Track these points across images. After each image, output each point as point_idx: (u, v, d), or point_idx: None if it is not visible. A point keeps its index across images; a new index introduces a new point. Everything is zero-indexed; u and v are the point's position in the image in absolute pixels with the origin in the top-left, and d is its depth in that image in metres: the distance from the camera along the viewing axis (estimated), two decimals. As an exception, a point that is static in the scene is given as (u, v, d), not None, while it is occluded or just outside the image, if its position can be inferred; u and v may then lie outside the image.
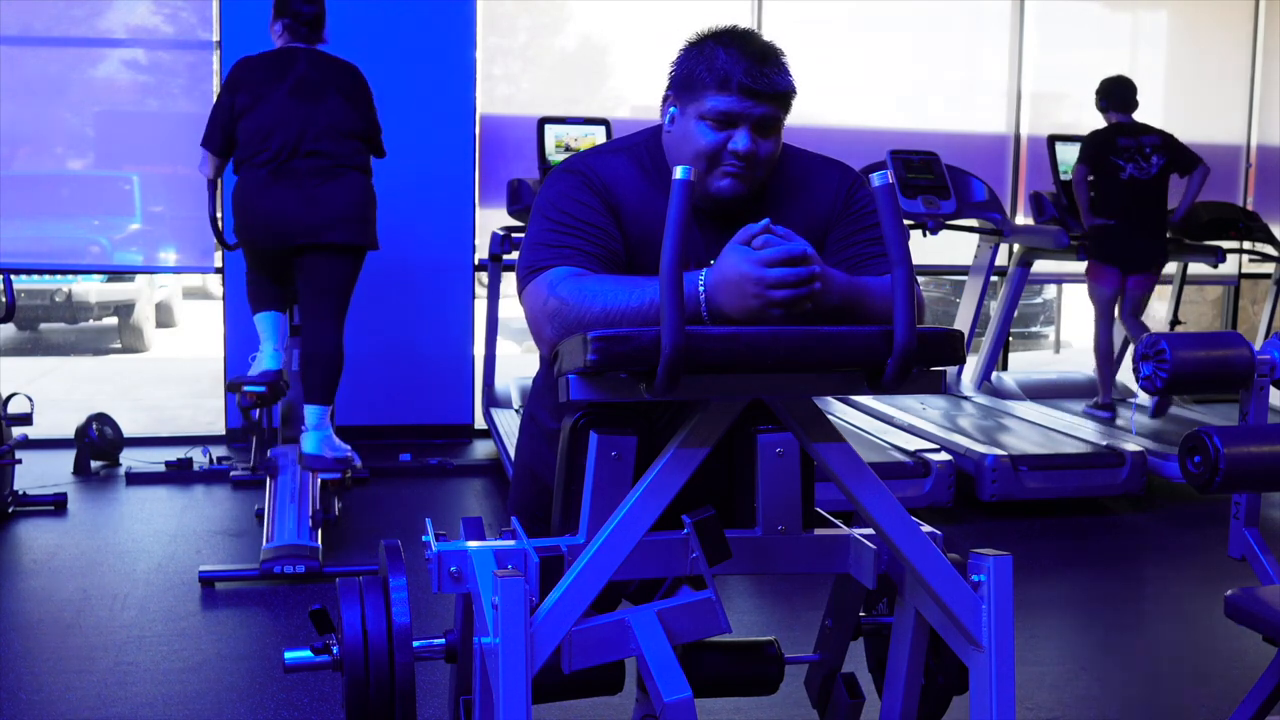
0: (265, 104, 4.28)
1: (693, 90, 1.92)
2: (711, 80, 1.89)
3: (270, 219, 4.28)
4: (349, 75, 4.41)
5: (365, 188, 4.38)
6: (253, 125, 4.28)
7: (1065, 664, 3.45)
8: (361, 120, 4.38)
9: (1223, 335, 2.56)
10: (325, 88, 4.32)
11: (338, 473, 4.33)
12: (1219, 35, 7.28)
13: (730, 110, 1.89)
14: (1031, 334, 10.85)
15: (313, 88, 4.30)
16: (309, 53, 4.39)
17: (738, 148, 1.90)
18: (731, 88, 1.88)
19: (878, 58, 6.86)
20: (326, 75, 4.35)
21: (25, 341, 10.67)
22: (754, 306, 1.70)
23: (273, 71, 4.33)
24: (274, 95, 4.28)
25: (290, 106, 4.27)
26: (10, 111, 5.70)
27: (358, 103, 4.38)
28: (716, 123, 1.90)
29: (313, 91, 4.30)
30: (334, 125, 4.29)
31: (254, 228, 4.35)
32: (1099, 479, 5.02)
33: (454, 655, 2.14)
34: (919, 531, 1.84)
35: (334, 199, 4.27)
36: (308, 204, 4.24)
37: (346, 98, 4.34)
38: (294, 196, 4.24)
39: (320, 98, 4.30)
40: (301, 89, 4.29)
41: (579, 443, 1.88)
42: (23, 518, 4.59)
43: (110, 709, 2.96)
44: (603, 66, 6.96)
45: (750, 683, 2.26)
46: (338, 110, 4.31)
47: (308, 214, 4.24)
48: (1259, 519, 2.59)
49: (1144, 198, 5.68)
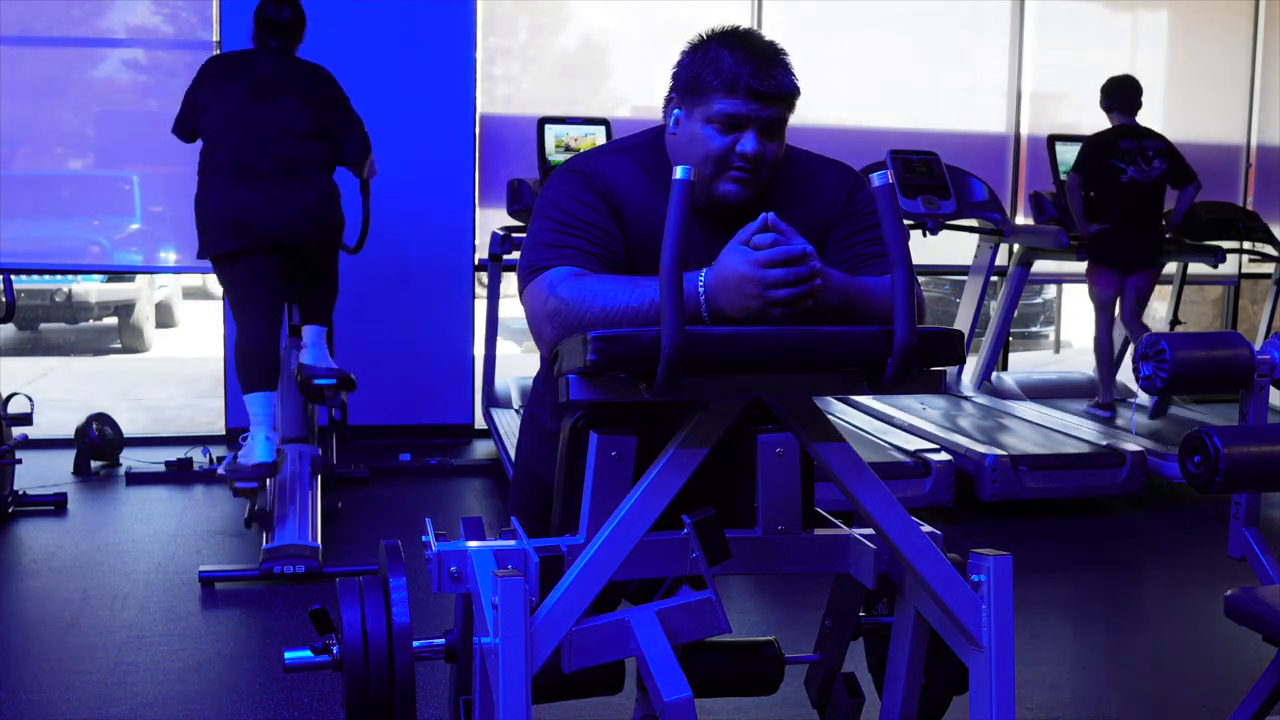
0: (221, 103, 4.27)
1: (698, 93, 1.91)
2: (718, 84, 1.88)
3: (236, 221, 4.23)
4: (312, 78, 4.39)
5: (327, 185, 4.37)
6: (210, 123, 4.28)
7: (1065, 664, 3.45)
8: (318, 122, 4.34)
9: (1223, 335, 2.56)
10: (281, 90, 4.30)
11: (333, 379, 4.49)
12: (1219, 35, 7.28)
13: (738, 114, 1.88)
14: (1031, 334, 10.85)
15: (267, 89, 4.28)
16: (273, 55, 4.37)
17: (746, 150, 1.89)
18: (739, 91, 1.87)
19: (878, 58, 6.86)
20: (285, 78, 4.33)
21: (25, 341, 10.67)
22: (754, 306, 1.70)
23: (234, 71, 4.33)
24: (229, 94, 4.27)
25: (244, 108, 4.25)
26: (10, 111, 5.70)
27: (316, 105, 4.34)
28: (724, 126, 1.90)
29: (267, 93, 4.28)
30: (288, 127, 4.27)
31: (221, 230, 4.26)
32: (1099, 479, 5.02)
33: (454, 655, 2.14)
34: (919, 531, 1.84)
35: (297, 200, 4.27)
36: (272, 205, 4.23)
37: (303, 100, 4.31)
38: (259, 199, 4.22)
39: (275, 100, 4.27)
40: (257, 90, 4.28)
41: (579, 443, 1.88)
42: (23, 518, 4.59)
43: (110, 709, 2.96)
44: (603, 66, 6.96)
45: (750, 683, 2.26)
46: (293, 113, 4.28)
47: (272, 215, 4.23)
48: (1259, 519, 2.59)
49: (1143, 200, 5.68)
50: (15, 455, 4.55)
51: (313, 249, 4.40)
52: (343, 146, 4.43)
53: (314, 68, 4.42)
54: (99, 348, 10.57)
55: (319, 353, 4.63)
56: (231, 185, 4.22)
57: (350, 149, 4.45)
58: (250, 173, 4.22)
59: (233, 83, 4.28)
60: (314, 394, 4.58)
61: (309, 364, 4.59)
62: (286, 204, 4.24)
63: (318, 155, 4.34)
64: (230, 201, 4.23)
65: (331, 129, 4.39)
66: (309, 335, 4.65)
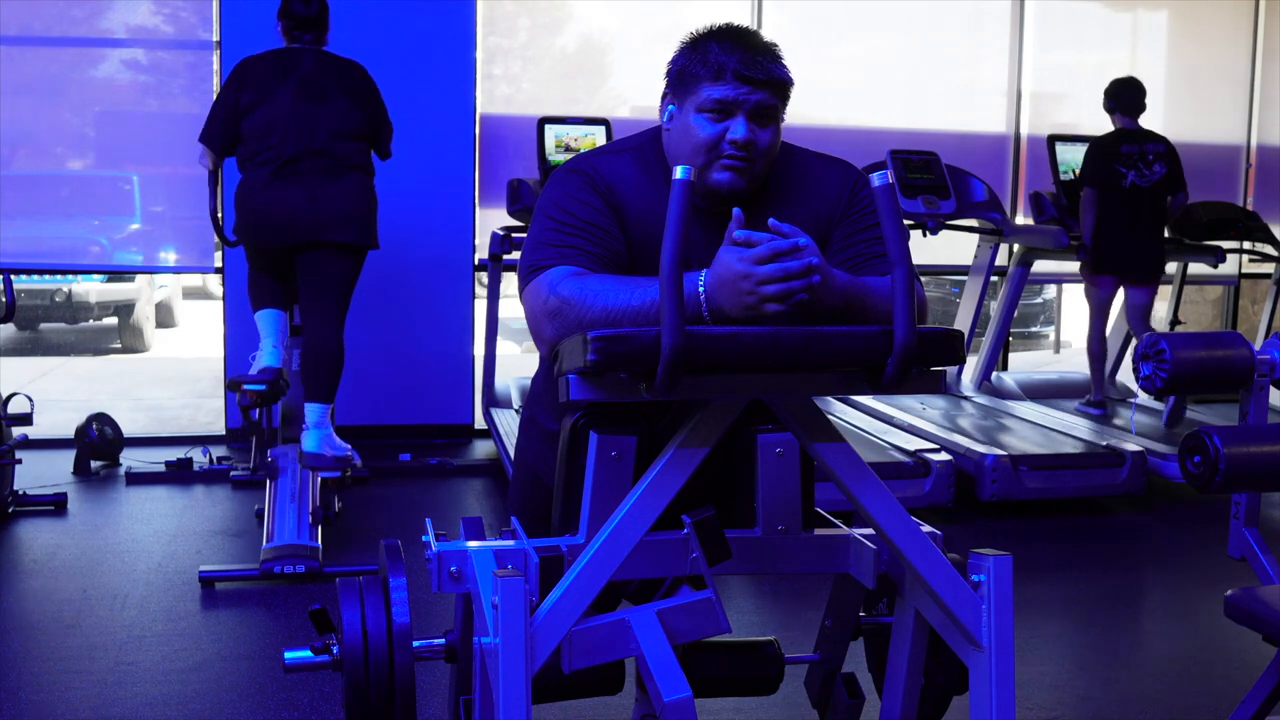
0: (270, 103, 4.29)
1: (688, 85, 1.92)
2: (707, 73, 1.90)
3: (273, 218, 4.30)
4: (354, 76, 4.42)
5: (367, 188, 4.40)
6: (256, 123, 4.29)
7: (1065, 664, 3.45)
8: (366, 122, 4.39)
9: (1223, 335, 2.56)
10: (330, 88, 4.33)
11: (338, 471, 4.33)
12: (1219, 35, 7.28)
13: (726, 98, 1.89)
14: (1031, 334, 10.85)
15: (318, 88, 4.32)
16: (314, 53, 4.40)
17: (736, 137, 1.90)
18: (726, 76, 1.88)
19: (878, 58, 6.86)
20: (331, 76, 4.36)
21: (25, 341, 10.67)
22: (749, 303, 1.71)
23: (278, 70, 4.34)
24: (279, 94, 4.29)
25: (295, 106, 4.28)
26: (10, 111, 5.70)
27: (363, 104, 4.39)
28: (714, 114, 1.90)
29: (317, 92, 4.31)
30: (338, 126, 4.31)
31: (257, 226, 4.36)
32: (1099, 479, 5.02)
33: (454, 655, 2.14)
34: (919, 531, 1.84)
35: (336, 199, 4.29)
36: (311, 203, 4.26)
37: (351, 99, 4.36)
38: (298, 195, 4.25)
39: (325, 99, 4.31)
40: (306, 89, 4.31)
41: (579, 443, 1.88)
42: (23, 518, 4.58)
43: (110, 709, 2.96)
44: (603, 66, 6.96)
45: (750, 683, 2.27)
46: (343, 112, 4.32)
47: (310, 213, 4.26)
48: (1259, 519, 2.60)
49: (1144, 206, 5.67)
50: (15, 455, 4.55)
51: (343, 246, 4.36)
52: (380, 143, 4.49)
53: (353, 65, 4.46)
54: (99, 348, 10.57)
55: (322, 436, 4.29)
56: (273, 183, 4.26)
57: (385, 143, 4.51)
58: (292, 171, 4.25)
59: (280, 82, 4.31)
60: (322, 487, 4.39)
61: (311, 453, 4.27)
62: (326, 198, 4.27)
63: (361, 155, 4.39)
64: (270, 200, 4.27)
65: (375, 128, 4.44)
66: (310, 416, 4.32)
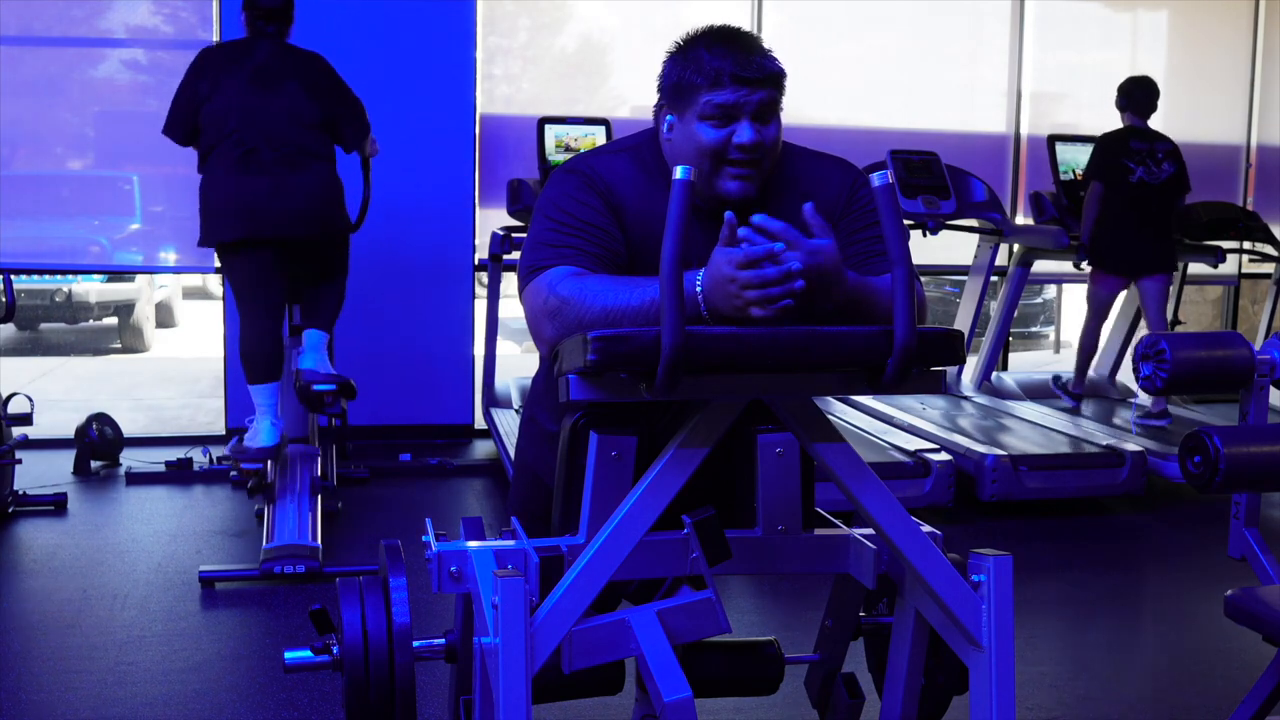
0: (224, 91, 4.25)
1: (686, 95, 1.92)
2: (703, 80, 1.90)
3: (240, 207, 4.22)
4: (311, 66, 4.38)
5: (330, 177, 4.37)
6: (213, 112, 4.25)
7: (1065, 664, 3.45)
8: (322, 110, 4.34)
9: (1223, 335, 2.56)
10: (284, 77, 4.29)
11: (332, 385, 4.39)
12: (1219, 35, 7.28)
13: (728, 103, 1.89)
14: (1031, 334, 10.85)
15: (271, 77, 4.27)
16: (272, 41, 4.36)
17: (743, 140, 1.90)
18: (724, 81, 1.89)
19: (878, 58, 6.86)
20: (286, 64, 4.32)
21: (25, 341, 10.67)
22: (738, 306, 1.71)
23: (233, 59, 4.32)
24: (232, 83, 4.25)
25: (248, 94, 4.24)
26: (10, 111, 5.70)
27: (319, 94, 4.34)
28: (717, 120, 1.90)
29: (271, 80, 4.27)
30: (294, 115, 4.26)
31: (224, 216, 4.26)
32: (1099, 479, 5.02)
33: (454, 655, 2.14)
34: (919, 531, 1.84)
35: (297, 195, 4.25)
36: (275, 193, 4.21)
37: (306, 87, 4.31)
38: (262, 185, 4.20)
39: (278, 87, 4.27)
40: (260, 77, 4.27)
41: (579, 443, 1.88)
42: (23, 518, 4.58)
43: (110, 709, 2.96)
44: (603, 66, 6.96)
45: (750, 683, 2.27)
46: (297, 100, 4.28)
47: (276, 203, 4.21)
48: (1259, 519, 2.59)
49: (1151, 203, 5.65)
50: (15, 455, 4.55)
51: (315, 241, 4.37)
52: (341, 133, 4.43)
53: (311, 55, 4.41)
54: (99, 348, 10.58)
55: (319, 358, 4.51)
56: (235, 173, 4.21)
57: (348, 134, 4.45)
58: (254, 160, 4.21)
59: (234, 70, 4.27)
60: (312, 401, 4.46)
61: (307, 369, 4.46)
62: (289, 192, 4.23)
63: (320, 145, 4.34)
64: (233, 189, 4.22)
65: (333, 118, 4.39)
66: (309, 339, 4.52)
